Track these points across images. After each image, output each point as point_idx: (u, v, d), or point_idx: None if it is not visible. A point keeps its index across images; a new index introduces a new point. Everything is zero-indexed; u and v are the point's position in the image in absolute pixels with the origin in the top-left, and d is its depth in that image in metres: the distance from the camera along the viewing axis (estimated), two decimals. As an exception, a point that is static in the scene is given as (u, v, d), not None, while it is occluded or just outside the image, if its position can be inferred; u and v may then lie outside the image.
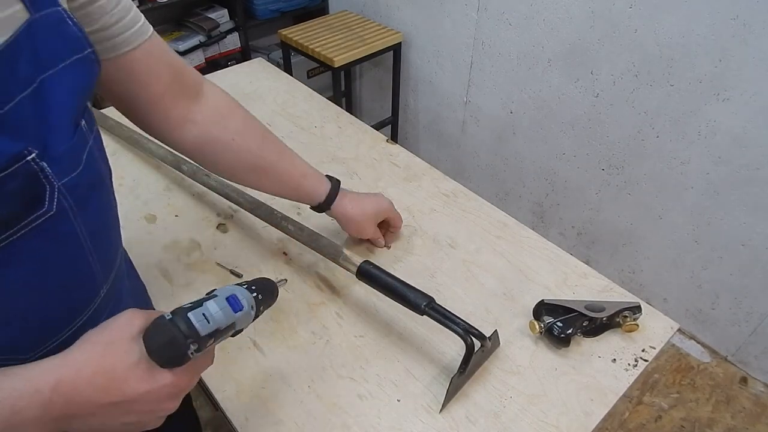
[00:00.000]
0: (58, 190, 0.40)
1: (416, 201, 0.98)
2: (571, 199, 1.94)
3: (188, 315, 0.44)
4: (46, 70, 0.39)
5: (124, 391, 0.41)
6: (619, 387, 0.69)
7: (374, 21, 2.24)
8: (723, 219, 1.55)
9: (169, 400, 0.45)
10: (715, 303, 1.71)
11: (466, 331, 0.65)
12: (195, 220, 0.93)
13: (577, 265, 0.86)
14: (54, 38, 0.40)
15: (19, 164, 0.36)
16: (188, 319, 0.44)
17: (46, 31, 0.39)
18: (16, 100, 0.36)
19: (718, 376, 1.75)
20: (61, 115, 0.40)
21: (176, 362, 0.43)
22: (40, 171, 0.38)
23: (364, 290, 0.81)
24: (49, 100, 0.39)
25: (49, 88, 0.39)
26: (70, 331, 0.48)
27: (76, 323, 0.48)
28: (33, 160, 0.37)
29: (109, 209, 0.51)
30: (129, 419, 0.43)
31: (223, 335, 0.47)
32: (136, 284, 0.70)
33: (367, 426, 0.65)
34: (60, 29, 0.41)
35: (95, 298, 0.50)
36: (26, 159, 0.36)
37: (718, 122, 1.43)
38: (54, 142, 0.39)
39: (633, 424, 1.62)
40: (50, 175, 0.39)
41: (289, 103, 1.24)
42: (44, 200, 0.39)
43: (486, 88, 1.99)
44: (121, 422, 0.43)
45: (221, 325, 0.46)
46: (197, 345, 0.44)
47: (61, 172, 0.40)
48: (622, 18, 1.48)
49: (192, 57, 2.31)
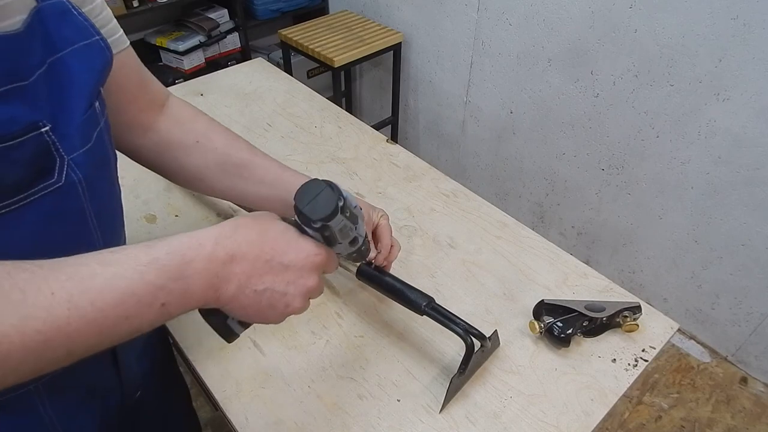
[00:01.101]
0: (68, 164, 0.42)
1: (416, 201, 0.98)
2: (571, 199, 1.94)
3: (333, 182, 0.47)
4: (58, 52, 0.42)
5: (275, 248, 0.45)
6: (619, 387, 0.69)
7: (374, 21, 2.24)
8: (723, 219, 1.55)
9: (309, 274, 0.47)
10: (715, 303, 1.72)
11: (466, 331, 0.65)
12: (195, 220, 0.93)
13: (577, 265, 0.86)
14: (62, 24, 0.43)
15: (33, 134, 0.39)
16: (334, 184, 0.47)
17: (54, 18, 0.43)
18: (35, 75, 0.39)
19: (718, 376, 1.75)
20: (73, 94, 0.43)
21: (328, 216, 0.45)
22: (51, 144, 0.40)
23: (364, 290, 0.81)
24: (62, 80, 0.42)
25: (61, 68, 0.42)
26: None
27: None
28: (46, 133, 0.40)
29: (114, 194, 0.54)
30: (277, 286, 0.45)
31: (348, 232, 0.50)
32: None
33: (367, 426, 0.65)
34: (67, 18, 0.44)
35: None
36: (40, 130, 0.39)
37: (718, 122, 1.43)
38: (66, 119, 0.42)
39: (633, 424, 1.62)
40: (61, 149, 0.41)
41: (289, 103, 1.24)
42: (54, 172, 0.41)
43: (486, 88, 1.99)
44: (270, 289, 0.45)
45: (354, 205, 0.49)
46: (343, 204, 0.47)
47: (71, 147, 0.42)
48: (622, 18, 1.48)
49: (192, 57, 2.31)
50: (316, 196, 0.45)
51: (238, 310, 0.45)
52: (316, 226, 0.46)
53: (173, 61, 2.31)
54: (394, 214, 0.95)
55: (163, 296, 0.38)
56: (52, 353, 0.34)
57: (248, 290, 0.44)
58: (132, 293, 0.37)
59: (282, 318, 0.47)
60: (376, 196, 0.98)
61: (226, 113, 1.19)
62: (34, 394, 0.50)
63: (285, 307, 0.46)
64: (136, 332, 0.39)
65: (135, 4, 2.05)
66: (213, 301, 0.42)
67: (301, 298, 0.47)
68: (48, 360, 0.34)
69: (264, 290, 0.44)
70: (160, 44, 2.28)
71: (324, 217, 0.45)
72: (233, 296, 0.43)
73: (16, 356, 0.32)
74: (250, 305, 0.44)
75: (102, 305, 0.35)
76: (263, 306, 0.45)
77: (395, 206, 0.97)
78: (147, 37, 2.31)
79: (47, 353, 0.34)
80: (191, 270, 0.40)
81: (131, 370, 0.64)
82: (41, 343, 0.33)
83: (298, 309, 0.48)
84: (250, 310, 0.45)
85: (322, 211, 0.45)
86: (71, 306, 0.34)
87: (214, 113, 1.19)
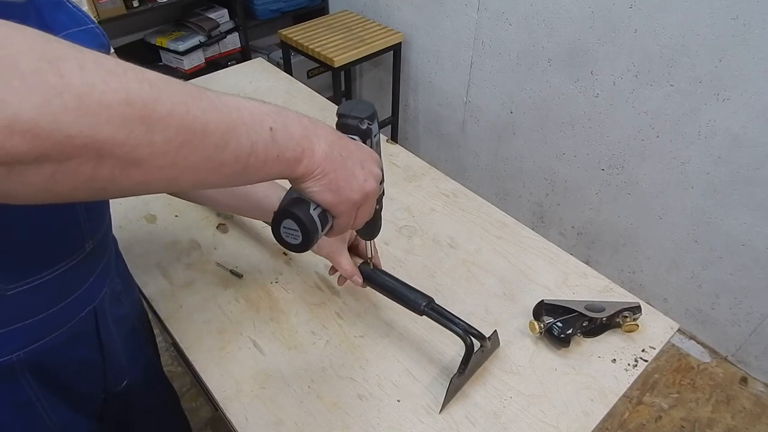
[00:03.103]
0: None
1: (416, 201, 0.98)
2: (571, 199, 1.94)
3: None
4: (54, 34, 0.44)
5: (343, 137, 0.49)
6: (619, 387, 0.69)
7: (374, 21, 2.24)
8: (723, 219, 1.55)
9: (372, 161, 0.50)
10: (715, 303, 1.71)
11: (465, 331, 0.65)
12: (195, 220, 0.93)
13: (577, 265, 0.86)
14: (56, 11, 0.45)
15: None
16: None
17: (49, 7, 0.45)
18: None
19: (718, 376, 1.75)
20: None
21: (371, 115, 0.54)
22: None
23: (364, 290, 0.81)
24: None
25: None
26: (52, 274, 0.51)
27: (60, 267, 0.51)
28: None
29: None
30: (356, 156, 0.48)
31: (380, 153, 0.57)
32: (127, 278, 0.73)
33: (367, 426, 0.65)
34: (62, 8, 0.46)
35: (79, 250, 0.53)
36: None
37: (718, 122, 1.43)
38: None
39: (633, 424, 1.62)
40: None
41: (289, 103, 1.24)
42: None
43: (486, 88, 1.99)
44: (352, 157, 0.47)
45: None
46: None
47: None
48: (622, 18, 1.48)
49: (192, 57, 2.31)
50: (356, 104, 0.53)
51: (329, 174, 0.45)
52: (363, 127, 0.53)
53: (173, 61, 2.31)
54: (394, 214, 0.95)
55: (270, 121, 0.40)
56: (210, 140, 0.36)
57: (335, 152, 0.46)
58: (248, 107, 0.40)
59: (361, 193, 0.48)
60: (376, 196, 0.98)
61: (226, 113, 1.19)
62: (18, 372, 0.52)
63: (364, 181, 0.48)
64: (251, 155, 0.39)
65: (135, 4, 2.05)
66: (308, 156, 0.43)
67: (372, 179, 0.49)
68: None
69: (348, 156, 0.47)
70: (160, 44, 2.28)
71: (369, 116, 0.53)
72: (325, 154, 0.45)
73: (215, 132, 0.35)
74: (338, 168, 0.46)
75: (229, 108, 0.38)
76: (348, 172, 0.47)
77: (395, 206, 0.97)
78: (147, 37, 2.31)
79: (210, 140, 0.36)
80: (286, 112, 0.43)
81: (115, 353, 0.65)
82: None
83: (373, 189, 0.49)
84: (339, 174, 0.46)
85: (366, 111, 0.53)
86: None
87: (214, 113, 1.19)
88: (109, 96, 0.28)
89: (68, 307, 0.55)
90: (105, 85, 0.28)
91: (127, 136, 0.30)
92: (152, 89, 0.31)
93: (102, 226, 0.58)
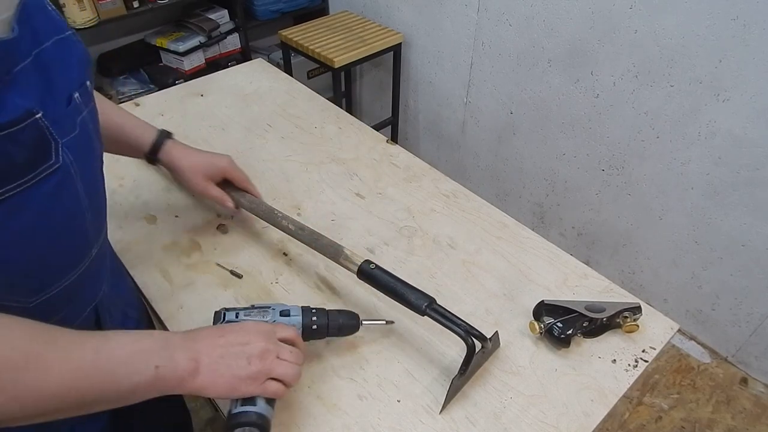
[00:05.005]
0: (61, 147, 0.47)
1: (416, 201, 0.98)
2: (571, 199, 1.94)
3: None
4: (42, 44, 0.46)
5: (222, 331, 0.58)
6: (619, 388, 0.69)
7: (374, 21, 2.24)
8: (723, 219, 1.55)
9: (256, 336, 0.57)
10: (715, 303, 1.71)
11: (467, 332, 0.65)
12: (195, 221, 0.93)
13: (577, 266, 0.86)
14: (43, 17, 0.47)
15: (31, 120, 0.42)
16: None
17: (36, 11, 0.47)
18: (25, 63, 0.43)
19: (719, 376, 1.75)
20: (56, 84, 0.47)
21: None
22: (45, 128, 0.44)
23: (364, 290, 0.81)
24: (48, 71, 0.46)
25: (45, 59, 0.46)
26: (66, 282, 0.53)
27: (69, 277, 0.53)
28: (40, 119, 0.43)
29: (100, 179, 0.58)
30: (236, 341, 0.56)
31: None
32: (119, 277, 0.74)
33: (367, 427, 0.65)
34: (45, 12, 0.48)
35: (86, 257, 0.55)
36: (35, 117, 0.43)
37: (718, 123, 1.43)
38: (52, 107, 0.45)
39: (633, 424, 1.62)
40: (53, 133, 0.45)
41: (289, 103, 1.24)
42: (52, 153, 0.46)
43: (486, 89, 2.00)
44: (231, 344, 0.56)
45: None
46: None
47: (61, 132, 0.46)
48: (622, 18, 1.48)
49: (192, 58, 2.31)
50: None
51: (223, 371, 0.54)
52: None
53: (173, 61, 2.32)
54: (395, 214, 0.95)
55: (157, 360, 0.49)
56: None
57: (216, 353, 0.54)
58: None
59: (259, 373, 0.56)
60: (376, 197, 0.98)
61: (226, 114, 1.19)
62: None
63: (248, 362, 0.55)
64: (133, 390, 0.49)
65: (135, 4, 2.05)
66: (197, 372, 0.52)
67: (257, 357, 0.56)
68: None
69: (227, 348, 0.55)
70: (160, 45, 2.28)
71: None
72: (212, 363, 0.53)
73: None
74: (229, 364, 0.54)
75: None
76: (233, 360, 0.55)
77: (395, 207, 0.97)
78: (147, 37, 2.31)
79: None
80: (172, 342, 0.52)
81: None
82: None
83: (257, 368, 0.56)
84: (231, 366, 0.54)
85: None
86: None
87: (214, 114, 1.19)
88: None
89: (75, 308, 0.57)
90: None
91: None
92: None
93: (103, 229, 0.60)
